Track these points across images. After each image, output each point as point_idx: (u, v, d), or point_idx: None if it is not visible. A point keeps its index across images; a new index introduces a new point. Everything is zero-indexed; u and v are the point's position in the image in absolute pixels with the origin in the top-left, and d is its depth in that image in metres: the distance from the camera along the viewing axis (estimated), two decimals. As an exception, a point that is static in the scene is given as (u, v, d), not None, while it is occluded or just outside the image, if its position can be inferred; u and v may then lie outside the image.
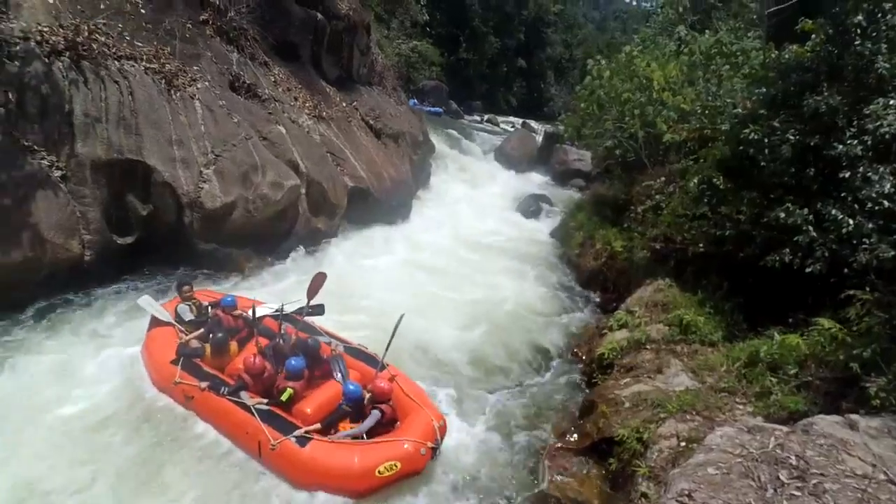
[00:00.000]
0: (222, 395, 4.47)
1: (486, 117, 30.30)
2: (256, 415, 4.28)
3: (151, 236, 6.46)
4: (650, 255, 6.85)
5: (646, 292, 6.28)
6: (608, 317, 6.52)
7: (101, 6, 6.99)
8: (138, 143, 6.19)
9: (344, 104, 10.61)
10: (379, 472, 4.12)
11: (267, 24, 9.66)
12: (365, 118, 10.98)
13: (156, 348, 5.00)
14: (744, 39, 8.68)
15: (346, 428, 4.40)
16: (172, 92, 6.92)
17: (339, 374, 4.91)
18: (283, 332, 5.07)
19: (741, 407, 4.17)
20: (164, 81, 6.94)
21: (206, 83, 7.56)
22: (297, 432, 4.24)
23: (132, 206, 6.27)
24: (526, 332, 6.71)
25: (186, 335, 5.05)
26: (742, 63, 7.72)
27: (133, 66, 6.71)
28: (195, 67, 7.67)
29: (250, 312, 5.00)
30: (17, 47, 5.88)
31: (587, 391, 5.44)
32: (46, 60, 6.00)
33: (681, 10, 12.47)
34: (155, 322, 5.23)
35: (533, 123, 28.46)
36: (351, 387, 4.53)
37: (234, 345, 5.08)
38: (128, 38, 7.07)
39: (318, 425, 4.33)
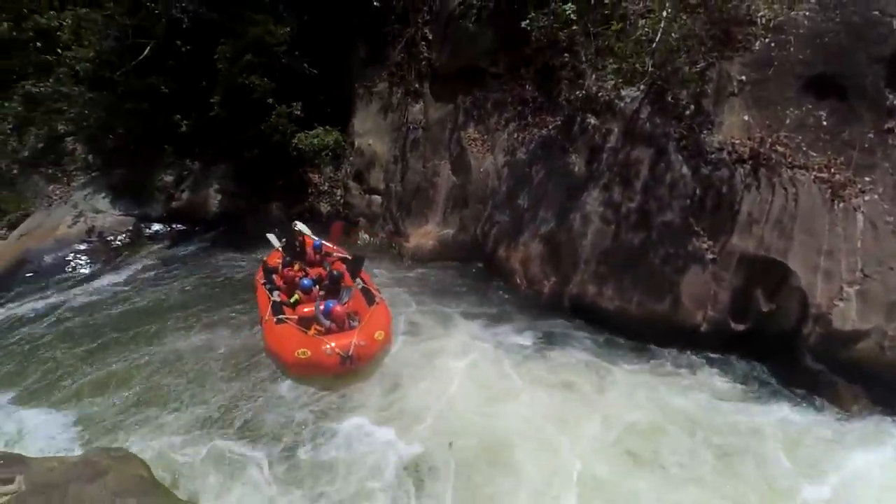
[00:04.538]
0: (265, 289, 7.56)
1: None
2: (269, 301, 7.14)
3: (760, 332, 6.74)
4: None
5: None
6: None
7: (787, 121, 7.73)
8: (786, 247, 6.55)
9: None
10: (296, 353, 6.23)
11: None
12: None
13: (265, 264, 8.41)
14: None
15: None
16: (836, 202, 6.81)
17: (344, 297, 7.34)
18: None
19: None
20: (829, 191, 6.94)
21: (876, 195, 6.95)
22: (280, 316, 6.81)
23: (756, 300, 6.73)
24: None
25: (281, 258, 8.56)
26: None
27: (803, 175, 7.07)
28: (866, 178, 7.19)
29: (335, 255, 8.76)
30: (712, 155, 7.48)
31: None
32: (731, 167, 7.33)
33: None
34: (273, 249, 8.99)
35: None
36: (330, 304, 6.79)
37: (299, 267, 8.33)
38: (804, 148, 7.50)
39: (295, 316, 6.93)
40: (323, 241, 9.00)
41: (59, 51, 11.14)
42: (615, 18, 7.78)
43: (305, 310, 7.21)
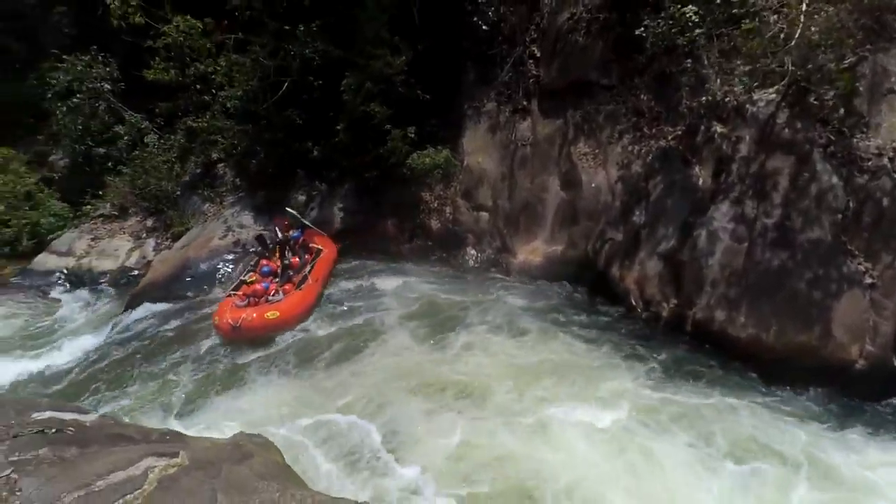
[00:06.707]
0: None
1: None
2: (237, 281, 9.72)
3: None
4: None
5: None
6: None
7: (976, 118, 6.47)
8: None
9: None
10: (213, 320, 8.52)
11: None
12: None
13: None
14: None
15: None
16: None
17: (282, 280, 9.50)
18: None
19: None
20: None
21: None
22: (230, 290, 9.31)
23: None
24: None
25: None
26: None
27: None
28: None
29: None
30: (869, 162, 6.48)
31: None
32: (893, 175, 6.27)
33: None
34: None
35: None
36: (266, 284, 9.17)
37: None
38: None
39: (240, 293, 8.98)
40: (307, 230, 11.09)
41: (213, 91, 13.13)
42: (745, 17, 7.16)
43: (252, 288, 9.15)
